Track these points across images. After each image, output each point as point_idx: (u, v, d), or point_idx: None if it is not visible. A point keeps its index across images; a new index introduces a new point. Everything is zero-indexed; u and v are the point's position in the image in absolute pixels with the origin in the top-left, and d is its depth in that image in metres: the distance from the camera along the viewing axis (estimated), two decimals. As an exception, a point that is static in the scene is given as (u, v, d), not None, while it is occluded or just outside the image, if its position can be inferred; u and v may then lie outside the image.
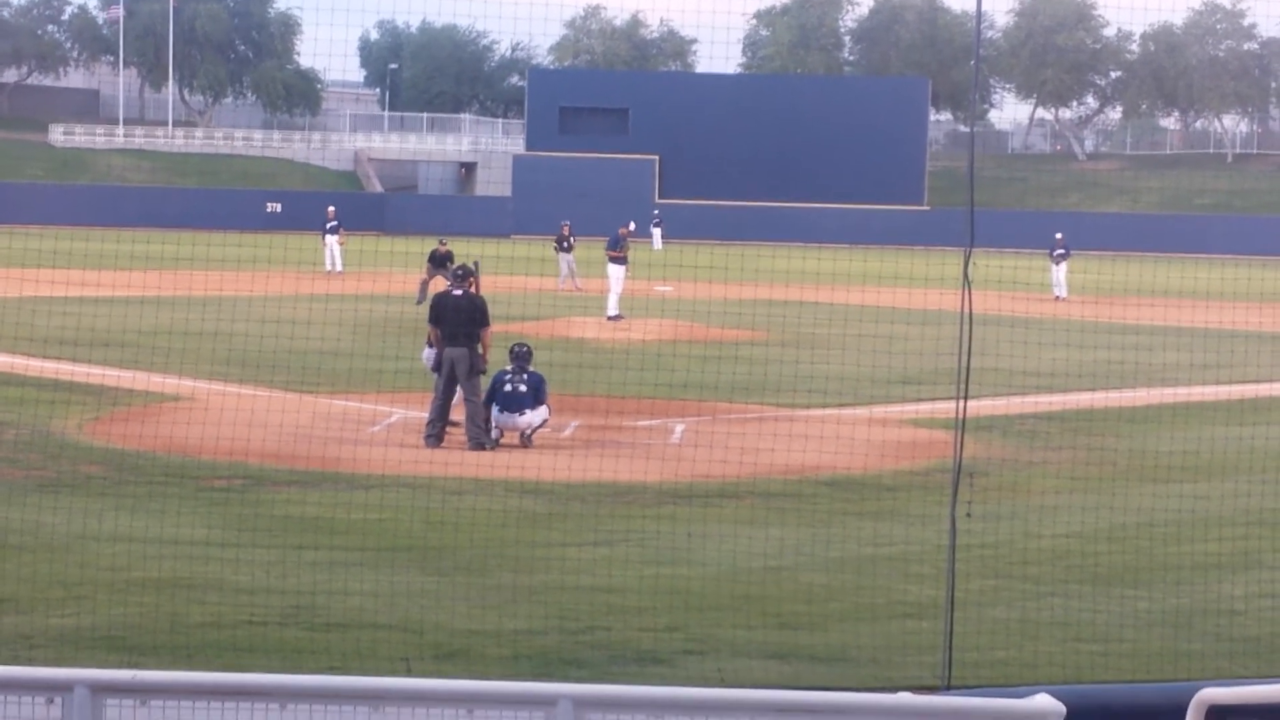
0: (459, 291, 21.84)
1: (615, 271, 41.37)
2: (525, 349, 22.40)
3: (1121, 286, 37.97)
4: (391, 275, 51.38)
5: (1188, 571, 14.96)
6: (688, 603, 13.56)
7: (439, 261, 44.87)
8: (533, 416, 21.73)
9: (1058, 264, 53.77)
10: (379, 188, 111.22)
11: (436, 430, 21.32)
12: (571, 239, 52.93)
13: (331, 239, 57.89)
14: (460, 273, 22.28)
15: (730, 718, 7.49)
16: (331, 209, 59.85)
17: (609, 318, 39.20)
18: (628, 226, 44.84)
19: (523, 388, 21.76)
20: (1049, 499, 18.44)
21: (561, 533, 16.08)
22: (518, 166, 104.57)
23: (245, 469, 19.04)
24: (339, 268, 56.87)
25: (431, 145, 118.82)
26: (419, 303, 42.52)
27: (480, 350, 21.39)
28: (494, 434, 21.57)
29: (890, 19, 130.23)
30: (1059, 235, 55.02)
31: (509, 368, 22.01)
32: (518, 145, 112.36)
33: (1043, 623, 13.22)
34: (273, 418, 20.33)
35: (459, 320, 21.40)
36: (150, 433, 20.81)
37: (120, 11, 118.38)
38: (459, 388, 21.54)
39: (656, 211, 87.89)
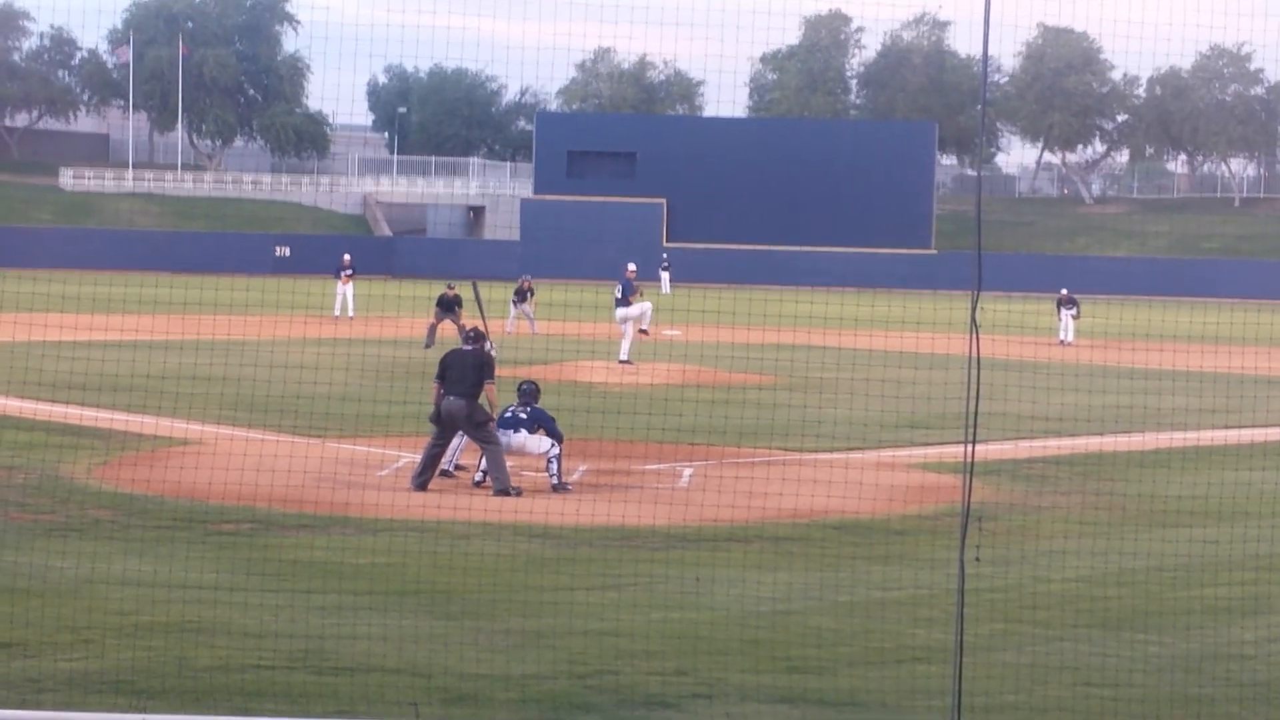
0: (469, 347, 21.96)
1: (626, 314, 40.94)
2: (532, 386, 22.55)
3: (1129, 330, 37.97)
4: (399, 320, 51.53)
5: (1198, 616, 14.91)
6: (696, 647, 13.54)
7: (447, 305, 44.98)
8: (529, 440, 21.74)
9: (1066, 310, 54.03)
10: (387, 231, 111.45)
11: (424, 480, 21.30)
12: (530, 292, 53.44)
13: (345, 287, 57.60)
14: (473, 335, 22.37)
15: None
16: (347, 256, 59.71)
17: (620, 361, 39.08)
18: (631, 270, 44.35)
19: (523, 415, 21.88)
20: (1058, 543, 18.40)
21: (570, 577, 16.06)
22: (525, 210, 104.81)
23: (253, 513, 19.02)
24: (350, 313, 56.75)
25: (440, 189, 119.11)
26: (427, 346, 42.60)
27: (483, 403, 21.45)
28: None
29: (897, 63, 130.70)
30: (1064, 291, 55.29)
31: (514, 404, 22.16)
32: (526, 189, 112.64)
33: (1052, 667, 13.18)
34: (281, 462, 20.31)
35: (464, 374, 21.45)
36: (159, 477, 20.82)
37: (130, 53, 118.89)
38: (466, 439, 21.64)
39: (665, 256, 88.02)
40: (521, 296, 53.22)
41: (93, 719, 7.41)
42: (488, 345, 22.63)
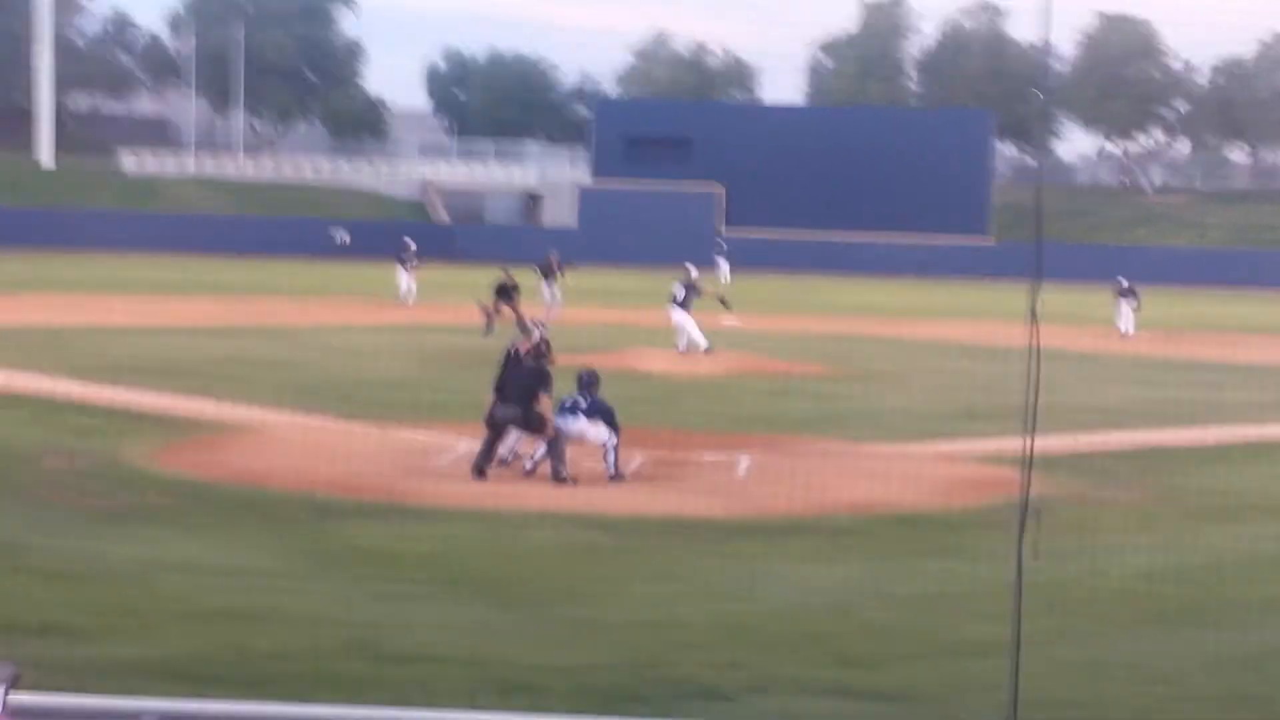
0: (530, 364, 22.02)
1: (680, 314, 40.05)
2: (592, 377, 22.38)
3: (1190, 321, 37.76)
4: (459, 306, 51.62)
5: (1257, 613, 14.82)
6: (751, 639, 13.54)
7: (505, 293, 44.97)
8: (588, 428, 21.65)
9: (1125, 300, 53.51)
10: (446, 218, 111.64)
11: (479, 465, 21.38)
12: (559, 269, 51.74)
13: (407, 273, 57.13)
14: (542, 349, 22.49)
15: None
16: (410, 242, 59.43)
17: (704, 350, 38.44)
18: (690, 272, 42.77)
19: (583, 404, 21.77)
20: (1116, 538, 18.30)
21: (626, 567, 16.07)
22: (584, 198, 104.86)
23: (311, 500, 19.09)
24: (412, 299, 56.37)
25: (498, 174, 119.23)
26: (485, 334, 42.66)
27: (537, 410, 21.50)
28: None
29: (955, 50, 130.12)
30: (1123, 281, 54.69)
31: (574, 393, 22.07)
32: (583, 174, 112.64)
33: (1110, 663, 13.12)
34: (339, 448, 20.39)
35: (519, 386, 21.52)
36: (218, 462, 20.93)
37: (193, 40, 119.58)
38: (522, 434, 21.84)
39: (723, 243, 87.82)
40: (549, 274, 51.65)
41: (151, 705, 7.45)
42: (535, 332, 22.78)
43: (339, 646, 12.97)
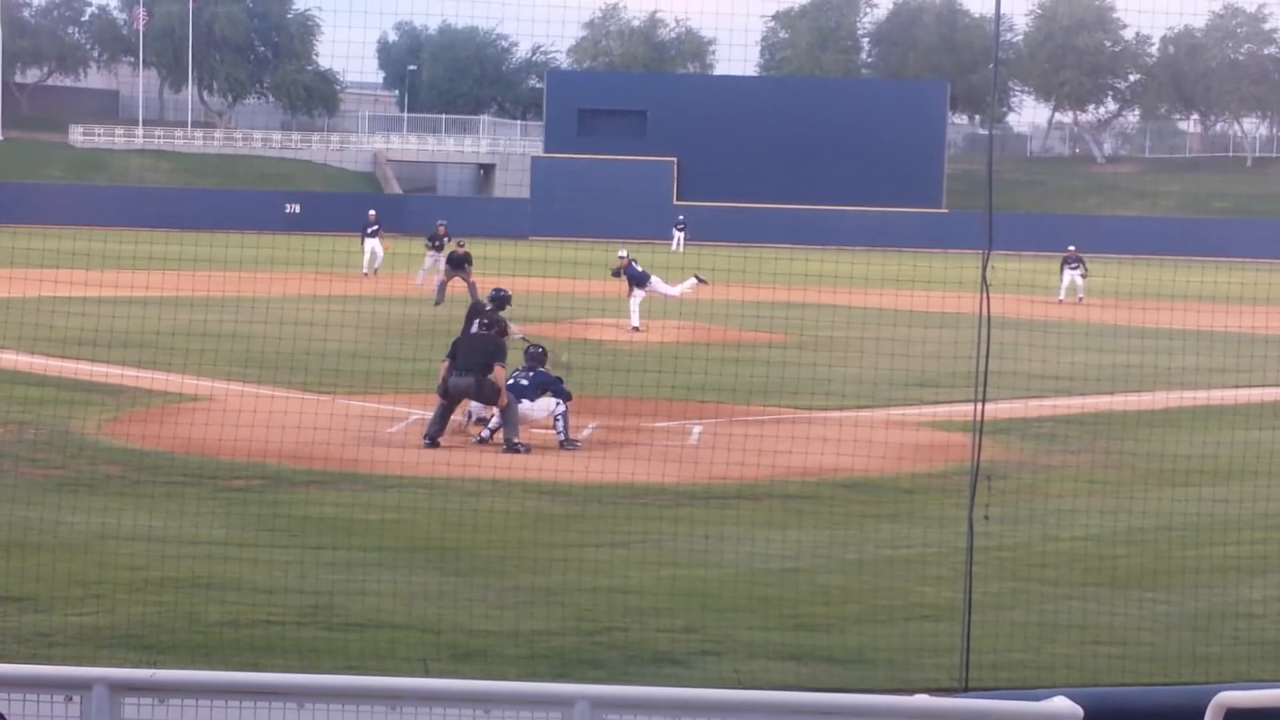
0: (483, 333, 22.21)
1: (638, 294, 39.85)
2: (539, 350, 22.66)
3: (1140, 290, 37.91)
4: (409, 276, 51.49)
5: (1206, 574, 14.93)
6: (705, 604, 13.57)
7: (457, 263, 44.87)
8: (531, 409, 21.79)
9: (1071, 270, 54.03)
10: (397, 189, 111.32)
11: (432, 434, 21.42)
12: (445, 238, 50.61)
13: (372, 242, 56.87)
14: (488, 320, 22.62)
15: (747, 719, 7.49)
16: (372, 213, 59.26)
17: (633, 329, 38.61)
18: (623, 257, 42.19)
19: (524, 382, 21.96)
20: (1067, 502, 18.42)
21: (579, 534, 16.08)
22: (536, 168, 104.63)
23: (263, 469, 19.07)
24: (375, 269, 56.03)
25: (450, 147, 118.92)
26: (437, 304, 42.58)
27: (490, 380, 21.58)
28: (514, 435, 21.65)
29: (909, 22, 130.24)
30: (1071, 248, 55.29)
31: (519, 369, 22.26)
32: (536, 147, 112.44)
33: (1060, 625, 13.21)
34: (291, 418, 20.34)
35: (473, 355, 21.63)
36: (169, 433, 20.86)
37: (143, 15, 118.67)
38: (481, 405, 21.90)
39: (682, 217, 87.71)
40: (435, 243, 50.80)
41: (102, 674, 7.42)
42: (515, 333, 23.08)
43: (292, 614, 12.96)
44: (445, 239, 50.95)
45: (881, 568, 15.11)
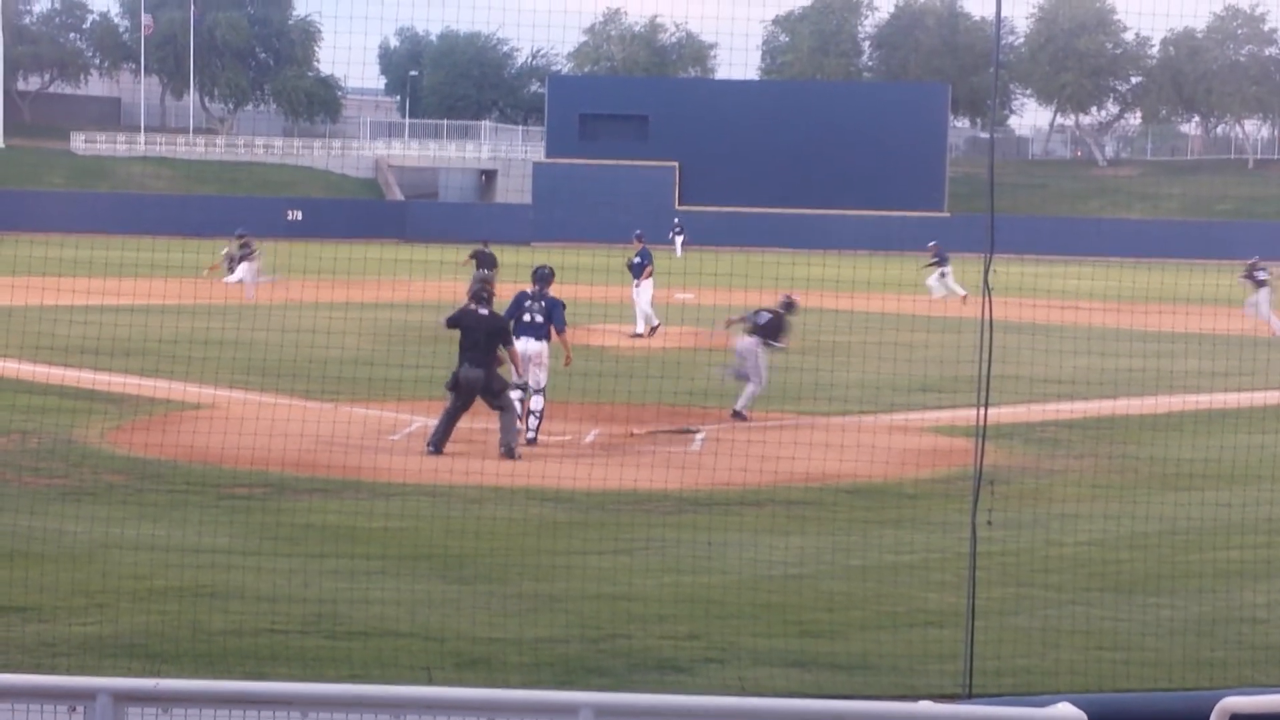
0: (485, 311, 21.90)
1: (645, 289, 39.82)
2: (548, 271, 23.05)
3: (1143, 293, 37.91)
4: (410, 284, 51.49)
5: (1210, 579, 14.90)
6: (708, 611, 13.56)
7: (491, 262, 44.04)
8: (535, 399, 21.94)
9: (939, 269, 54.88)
10: (399, 195, 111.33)
11: (437, 441, 21.30)
12: (250, 249, 46.43)
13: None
14: (485, 295, 22.31)
15: (751, 727, 7.49)
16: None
17: (635, 335, 38.63)
18: (640, 237, 42.30)
19: (539, 318, 22.21)
20: (1070, 506, 18.40)
21: (582, 541, 16.07)
22: (538, 174, 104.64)
23: (266, 477, 19.06)
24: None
25: (451, 152, 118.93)
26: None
27: (498, 369, 21.55)
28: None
29: (910, 24, 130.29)
30: (933, 243, 55.97)
31: (531, 289, 22.74)
32: (538, 152, 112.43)
33: (1064, 631, 13.19)
34: (294, 426, 20.33)
35: (478, 341, 21.43)
36: (172, 441, 20.85)
37: (148, 21, 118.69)
38: (481, 401, 21.74)
39: (677, 221, 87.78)
40: (245, 253, 46.74)
41: (106, 683, 7.42)
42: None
43: (295, 623, 12.94)
44: (249, 249, 47.14)
45: (885, 573, 15.09)
